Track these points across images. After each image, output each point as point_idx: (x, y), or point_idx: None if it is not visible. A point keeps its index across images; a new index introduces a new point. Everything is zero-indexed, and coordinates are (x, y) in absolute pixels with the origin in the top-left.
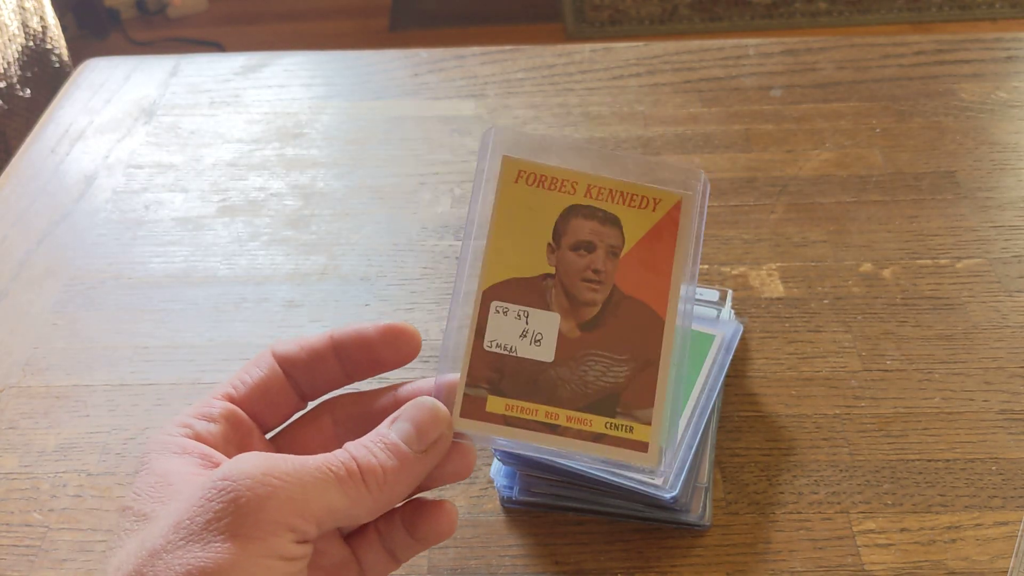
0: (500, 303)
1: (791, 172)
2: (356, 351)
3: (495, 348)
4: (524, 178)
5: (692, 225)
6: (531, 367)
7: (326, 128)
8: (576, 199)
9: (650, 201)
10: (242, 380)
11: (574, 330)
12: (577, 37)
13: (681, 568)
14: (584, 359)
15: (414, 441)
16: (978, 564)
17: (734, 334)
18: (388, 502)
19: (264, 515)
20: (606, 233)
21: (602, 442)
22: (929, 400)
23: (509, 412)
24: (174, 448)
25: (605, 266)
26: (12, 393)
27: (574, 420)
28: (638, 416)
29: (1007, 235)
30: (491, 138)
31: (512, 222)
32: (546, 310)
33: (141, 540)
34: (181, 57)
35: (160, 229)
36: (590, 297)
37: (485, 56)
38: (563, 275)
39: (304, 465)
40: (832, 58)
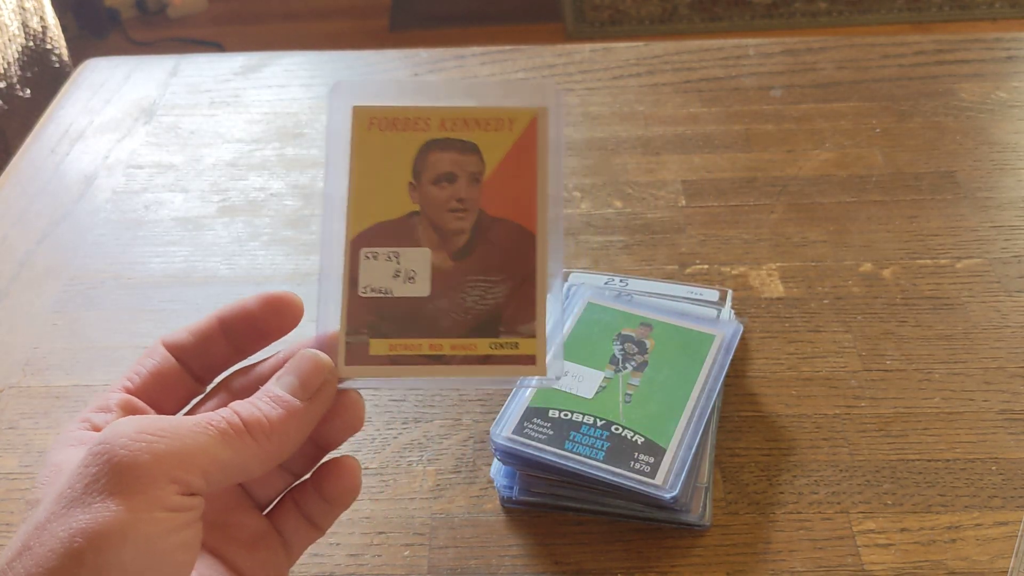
0: (369, 249)
1: (791, 172)
2: (241, 326)
3: (370, 293)
4: (376, 124)
5: (552, 135)
6: (409, 304)
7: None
8: (431, 134)
9: (505, 122)
10: (136, 371)
11: (446, 260)
12: (577, 37)
13: (681, 568)
14: (461, 287)
15: (298, 390)
16: (978, 564)
17: (734, 334)
18: (279, 451)
19: (141, 470)
20: (465, 161)
21: (490, 363)
22: (929, 400)
23: (393, 351)
24: (71, 441)
25: (469, 193)
26: (12, 393)
27: (459, 347)
28: (521, 331)
29: (1007, 235)
30: (339, 91)
31: (370, 168)
32: (415, 247)
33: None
34: (181, 57)
35: (160, 229)
36: (457, 226)
37: (485, 56)
38: (428, 210)
39: (182, 422)
40: (832, 58)
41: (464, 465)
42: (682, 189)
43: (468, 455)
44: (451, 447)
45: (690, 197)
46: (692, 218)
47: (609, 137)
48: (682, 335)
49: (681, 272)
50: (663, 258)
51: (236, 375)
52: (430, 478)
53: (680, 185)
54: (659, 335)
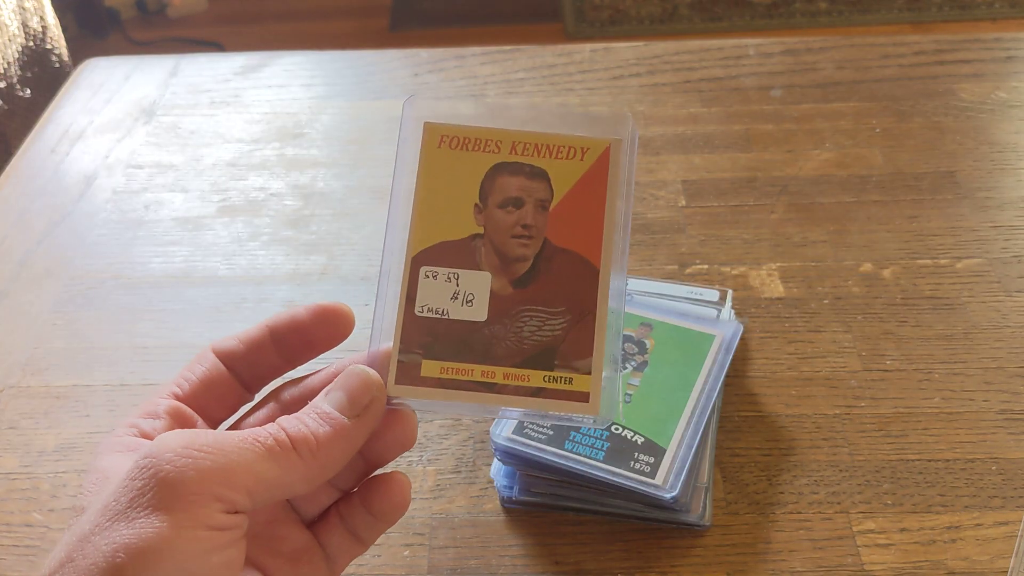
0: (429, 267)
1: (791, 172)
2: (292, 336)
3: (427, 312)
4: (447, 142)
5: (623, 170)
6: (464, 328)
7: (326, 128)
8: (501, 157)
9: (577, 151)
10: (185, 378)
11: (506, 287)
12: (577, 37)
13: (681, 568)
14: (519, 315)
15: (346, 407)
16: (978, 564)
17: (734, 334)
18: (324, 470)
19: (186, 487)
20: (534, 187)
21: (542, 396)
22: (929, 400)
23: (444, 375)
24: (119, 447)
25: (535, 220)
26: (12, 393)
27: (511, 376)
28: (577, 367)
29: (1007, 235)
30: (411, 107)
31: (437, 187)
32: (476, 270)
33: (74, 529)
34: (181, 57)
35: (160, 229)
36: (520, 252)
37: (485, 56)
38: (492, 233)
39: (228, 437)
40: (832, 58)
41: (464, 465)
42: (682, 189)
43: (468, 455)
44: (451, 447)
45: (690, 197)
46: (692, 218)
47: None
48: (682, 335)
49: (681, 272)
50: (663, 258)
51: (286, 386)
52: (430, 478)
53: (680, 185)
54: (659, 335)
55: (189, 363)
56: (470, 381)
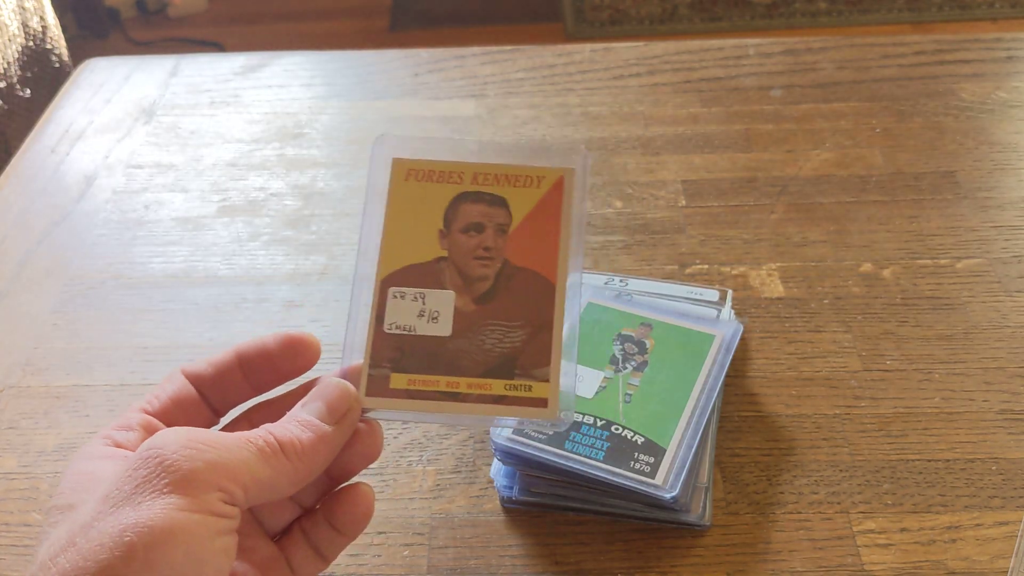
0: (397, 288)
1: (791, 172)
2: (259, 363)
3: (395, 330)
4: (414, 175)
5: (576, 195)
6: (430, 343)
7: (326, 128)
8: (463, 187)
9: (534, 179)
10: (156, 396)
11: (469, 304)
12: (577, 37)
13: (681, 568)
14: (481, 329)
15: (326, 416)
16: (978, 564)
17: (734, 334)
18: (308, 472)
19: (194, 474)
20: (493, 213)
21: (503, 403)
22: (929, 400)
23: (412, 386)
24: (96, 455)
25: (495, 243)
26: (12, 393)
27: (475, 386)
28: (536, 375)
29: (1007, 235)
30: (380, 145)
31: (404, 215)
32: (441, 289)
33: (71, 521)
34: (181, 57)
35: (160, 229)
36: (481, 272)
37: (485, 56)
38: (455, 256)
39: (226, 436)
40: (832, 58)
41: (464, 465)
42: (682, 189)
43: (468, 455)
44: (451, 447)
45: (690, 197)
46: (692, 218)
47: (609, 137)
48: (682, 335)
49: (681, 272)
50: (663, 258)
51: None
52: (430, 478)
53: (680, 185)
54: (659, 335)
55: (161, 381)
56: (436, 391)
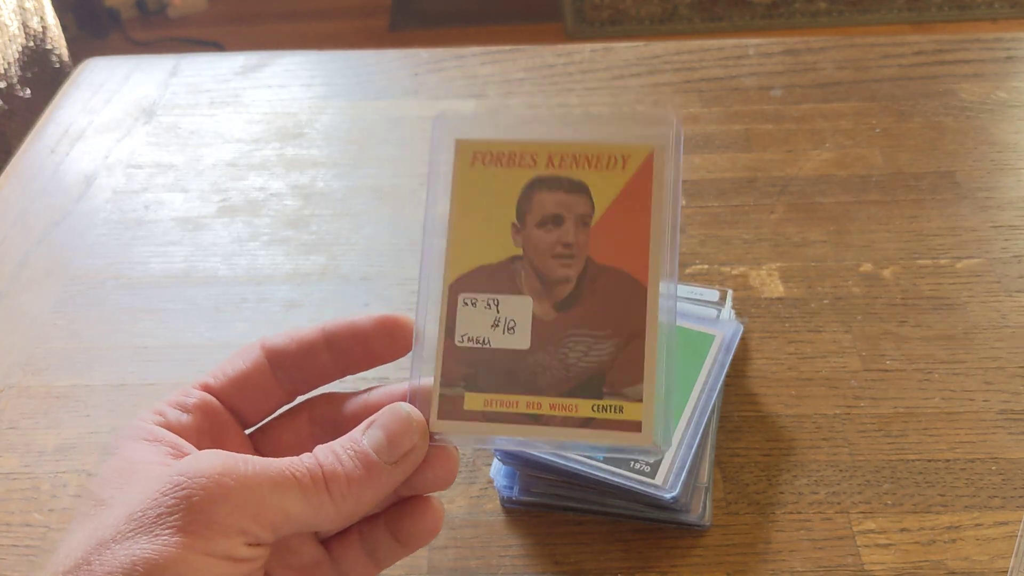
0: (468, 295)
1: (791, 172)
2: (350, 343)
3: (467, 343)
4: (480, 159)
5: (669, 176)
6: (507, 357)
7: (326, 128)
8: (538, 171)
9: (618, 159)
10: (223, 371)
11: (549, 311)
12: (577, 37)
13: (681, 568)
14: (563, 341)
15: (385, 451)
16: (978, 564)
17: (734, 334)
18: (353, 512)
19: (214, 515)
20: (573, 202)
21: (591, 427)
22: (929, 400)
23: (488, 407)
24: (145, 435)
25: (576, 238)
26: (12, 393)
27: (558, 407)
28: (627, 394)
29: (1007, 235)
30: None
31: (472, 208)
32: (517, 294)
33: (93, 528)
34: (181, 57)
35: (160, 229)
36: (563, 274)
37: (485, 56)
38: (531, 255)
39: (266, 468)
40: (832, 58)
41: (464, 465)
42: (682, 189)
43: (468, 455)
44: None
45: (690, 197)
46: (692, 218)
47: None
48: (682, 335)
49: (681, 272)
50: None
51: (320, 400)
52: None
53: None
54: None
55: (232, 355)
56: (515, 413)
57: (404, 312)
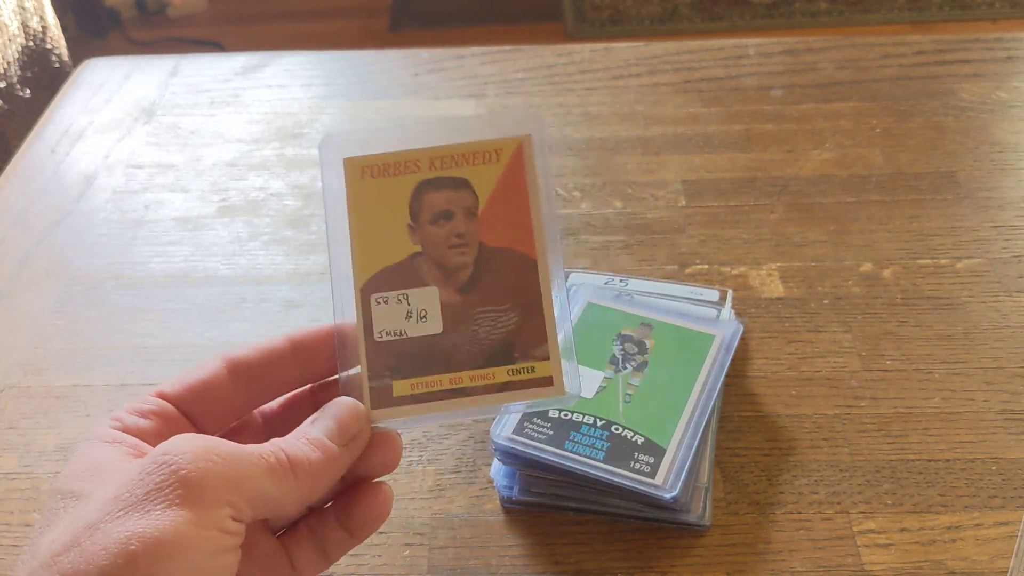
0: (379, 294)
1: (791, 172)
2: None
3: (386, 336)
4: (369, 172)
5: (538, 161)
6: (424, 343)
7: (326, 128)
8: (422, 175)
9: (492, 154)
10: (180, 380)
11: (454, 296)
12: (577, 37)
13: (681, 568)
14: (472, 319)
15: (335, 436)
16: (978, 564)
17: (734, 334)
18: (312, 494)
19: (205, 488)
20: (459, 197)
21: (510, 389)
22: (929, 400)
23: (416, 390)
24: (104, 438)
25: (467, 227)
26: (12, 393)
27: (478, 378)
28: (536, 355)
29: (1007, 235)
30: (326, 148)
31: (368, 216)
32: (423, 286)
33: (76, 515)
34: (181, 57)
35: (160, 229)
36: (460, 261)
37: (485, 56)
38: (429, 249)
39: (241, 450)
40: (832, 58)
41: (464, 465)
42: (682, 189)
43: (468, 455)
44: (451, 447)
45: (690, 197)
46: (692, 218)
47: (609, 137)
48: (682, 335)
49: (681, 272)
50: (663, 258)
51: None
52: (430, 478)
53: (680, 185)
54: (659, 335)
55: (190, 367)
56: (441, 391)
57: None
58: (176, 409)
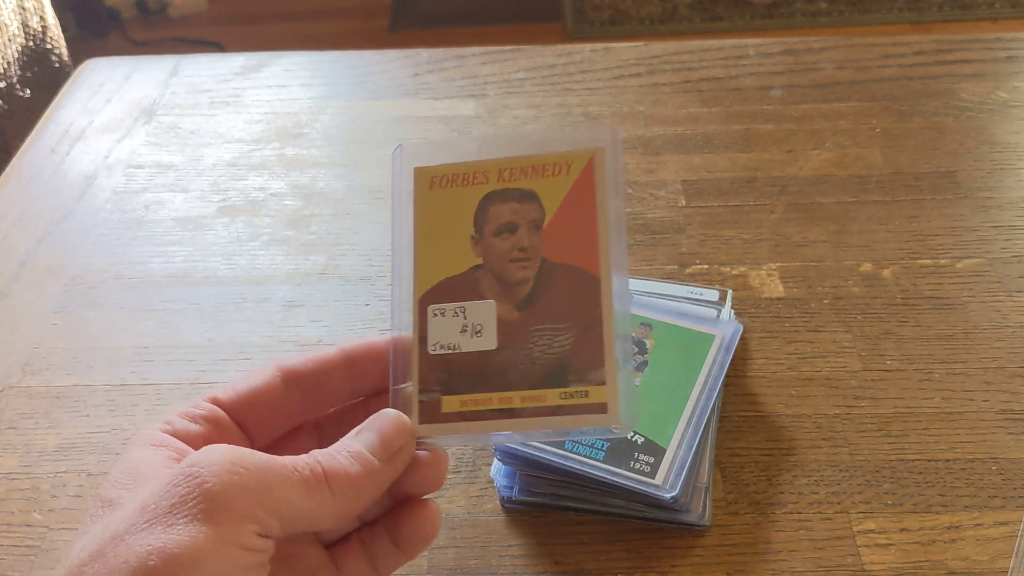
0: (436, 306)
1: (791, 172)
2: (367, 364)
3: (439, 350)
4: (437, 182)
5: (609, 177)
6: (477, 359)
7: (326, 128)
8: (490, 186)
9: (562, 166)
10: (233, 387)
11: (512, 311)
12: (577, 37)
13: (681, 568)
14: (528, 337)
15: (378, 450)
16: (978, 564)
17: (734, 334)
18: (352, 508)
19: (229, 502)
20: (525, 209)
21: (561, 413)
22: (929, 400)
23: (465, 408)
24: (152, 440)
25: (531, 241)
26: (12, 393)
27: (528, 399)
28: (591, 379)
29: (1007, 235)
30: (400, 157)
31: (433, 227)
32: (481, 300)
33: (105, 524)
34: (181, 57)
35: (160, 229)
36: (520, 275)
37: (485, 56)
38: (491, 262)
39: (272, 462)
40: (832, 58)
41: (464, 465)
42: (682, 189)
43: (468, 455)
44: (451, 447)
45: (690, 197)
46: (692, 218)
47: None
48: (682, 335)
49: (681, 272)
50: (663, 258)
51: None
52: None
53: (680, 185)
54: (659, 335)
55: (245, 374)
56: (490, 410)
57: None
58: (228, 416)
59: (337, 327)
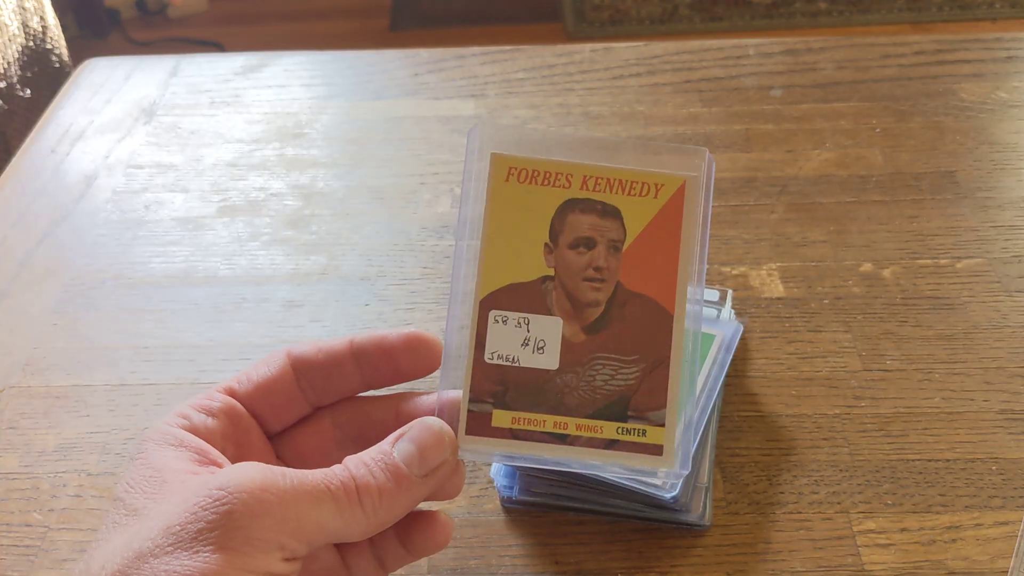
0: (499, 312)
1: (791, 172)
2: (377, 358)
3: (497, 360)
4: (515, 175)
5: (698, 208)
6: (536, 376)
7: (326, 128)
8: (572, 192)
9: (651, 187)
10: (248, 376)
11: (578, 334)
12: (577, 37)
13: (681, 568)
14: (591, 363)
15: (416, 464)
16: (978, 564)
17: (734, 334)
18: (382, 524)
19: (255, 531)
20: (606, 227)
21: (615, 448)
22: (929, 400)
23: (516, 425)
24: (171, 440)
25: (607, 262)
26: (12, 393)
27: (584, 428)
28: (651, 418)
29: (1007, 235)
30: (477, 135)
31: (506, 224)
32: (547, 315)
33: (129, 538)
34: (181, 57)
35: (160, 229)
36: (593, 297)
37: (485, 56)
38: (563, 276)
39: (303, 483)
40: (832, 58)
41: (464, 465)
42: None
43: None
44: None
45: None
46: None
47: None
48: None
49: None
50: None
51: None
52: None
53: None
54: None
55: (258, 362)
56: (542, 432)
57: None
58: (243, 407)
59: (337, 327)
